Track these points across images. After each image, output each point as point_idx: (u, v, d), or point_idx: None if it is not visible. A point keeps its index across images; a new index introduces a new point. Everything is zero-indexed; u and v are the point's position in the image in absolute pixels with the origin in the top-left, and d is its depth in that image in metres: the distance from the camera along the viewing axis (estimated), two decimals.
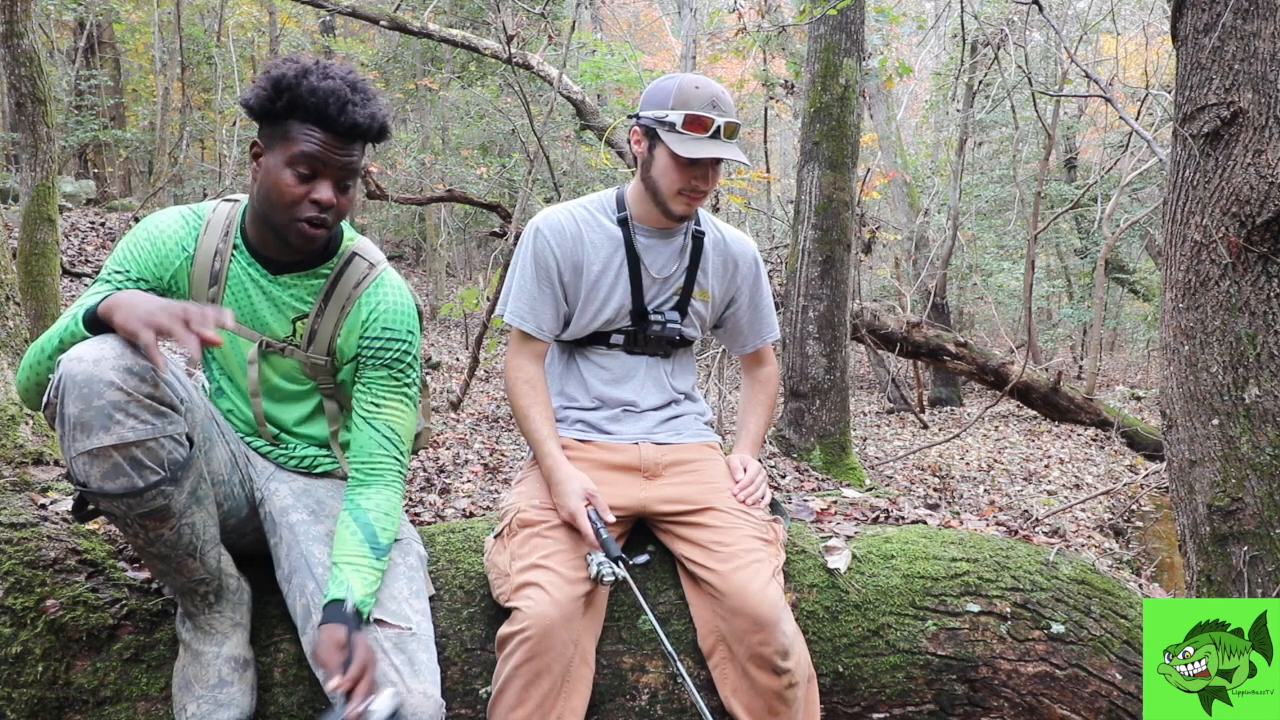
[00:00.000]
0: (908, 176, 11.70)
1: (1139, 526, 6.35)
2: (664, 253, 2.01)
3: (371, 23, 7.65)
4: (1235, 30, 2.01)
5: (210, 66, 12.38)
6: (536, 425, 1.92)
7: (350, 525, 1.64)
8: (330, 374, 1.79)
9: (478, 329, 6.49)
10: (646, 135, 1.90)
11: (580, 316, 1.99)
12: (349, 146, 1.60)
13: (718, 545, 1.81)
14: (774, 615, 1.69)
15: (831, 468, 4.95)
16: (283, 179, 1.57)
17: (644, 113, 1.90)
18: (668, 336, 2.03)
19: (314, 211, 1.59)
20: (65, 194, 10.54)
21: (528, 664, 1.62)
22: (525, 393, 1.95)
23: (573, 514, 1.77)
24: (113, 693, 1.65)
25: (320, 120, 1.56)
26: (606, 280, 1.97)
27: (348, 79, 1.59)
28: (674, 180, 1.88)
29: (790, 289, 5.22)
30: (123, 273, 1.64)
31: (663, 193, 1.90)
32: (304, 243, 1.62)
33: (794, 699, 1.70)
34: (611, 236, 1.98)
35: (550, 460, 1.87)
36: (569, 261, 1.96)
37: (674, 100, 1.86)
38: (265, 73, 1.59)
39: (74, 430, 1.38)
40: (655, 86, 1.92)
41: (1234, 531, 2.03)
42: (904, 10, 11.58)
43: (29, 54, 4.57)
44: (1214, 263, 2.05)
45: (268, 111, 1.57)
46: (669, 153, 1.85)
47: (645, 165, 1.92)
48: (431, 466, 4.38)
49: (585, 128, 8.59)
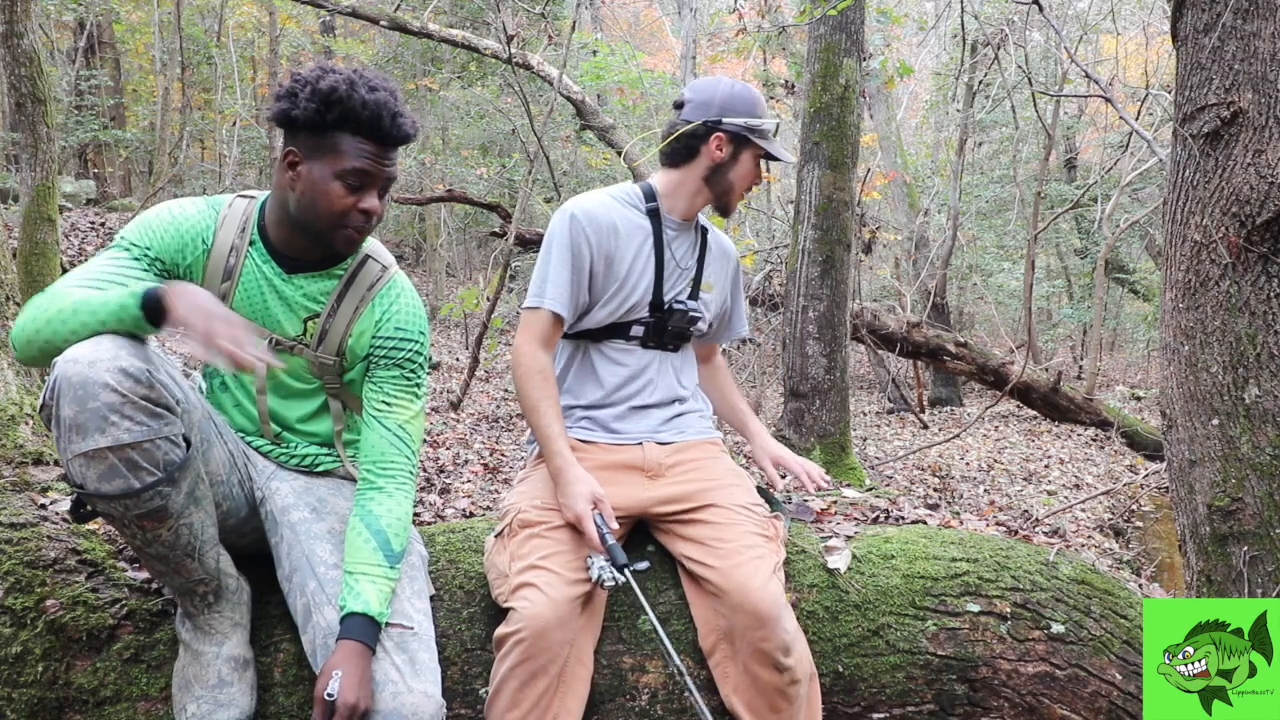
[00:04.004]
0: (908, 176, 11.70)
1: (1139, 526, 6.34)
2: (684, 244, 2.09)
3: (371, 23, 7.65)
4: (1235, 30, 2.01)
5: (210, 66, 12.38)
6: (548, 421, 1.89)
7: (363, 533, 1.64)
8: (337, 374, 1.80)
9: (478, 329, 6.50)
10: (733, 141, 2.00)
11: (605, 305, 2.00)
12: (392, 155, 1.64)
13: (718, 542, 1.81)
14: (775, 611, 1.69)
15: (831, 468, 4.95)
16: (332, 190, 1.59)
17: (730, 119, 1.99)
18: (685, 326, 2.07)
19: (362, 221, 1.63)
20: (65, 194, 10.54)
21: (523, 665, 1.62)
22: (539, 384, 1.91)
23: (579, 517, 1.76)
24: (113, 693, 1.64)
25: (372, 132, 1.58)
26: (637, 269, 2.01)
27: (389, 88, 1.61)
28: (750, 182, 2.06)
29: (790, 289, 5.22)
30: (142, 247, 1.62)
31: (735, 193, 2.06)
32: (348, 247, 1.67)
33: (796, 695, 1.70)
34: (640, 227, 2.03)
35: (560, 459, 1.85)
36: (602, 250, 1.97)
37: (760, 109, 2.02)
38: (306, 85, 1.57)
39: (69, 432, 1.38)
40: (732, 94, 2.01)
41: (1234, 531, 2.03)
42: (904, 10, 11.59)
43: (29, 54, 4.57)
44: (1214, 263, 2.04)
45: (314, 124, 1.57)
46: (757, 157, 2.03)
47: (721, 168, 2.02)
48: (431, 466, 4.38)
49: (585, 128, 8.59)
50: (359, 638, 1.52)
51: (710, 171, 2.02)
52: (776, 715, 1.71)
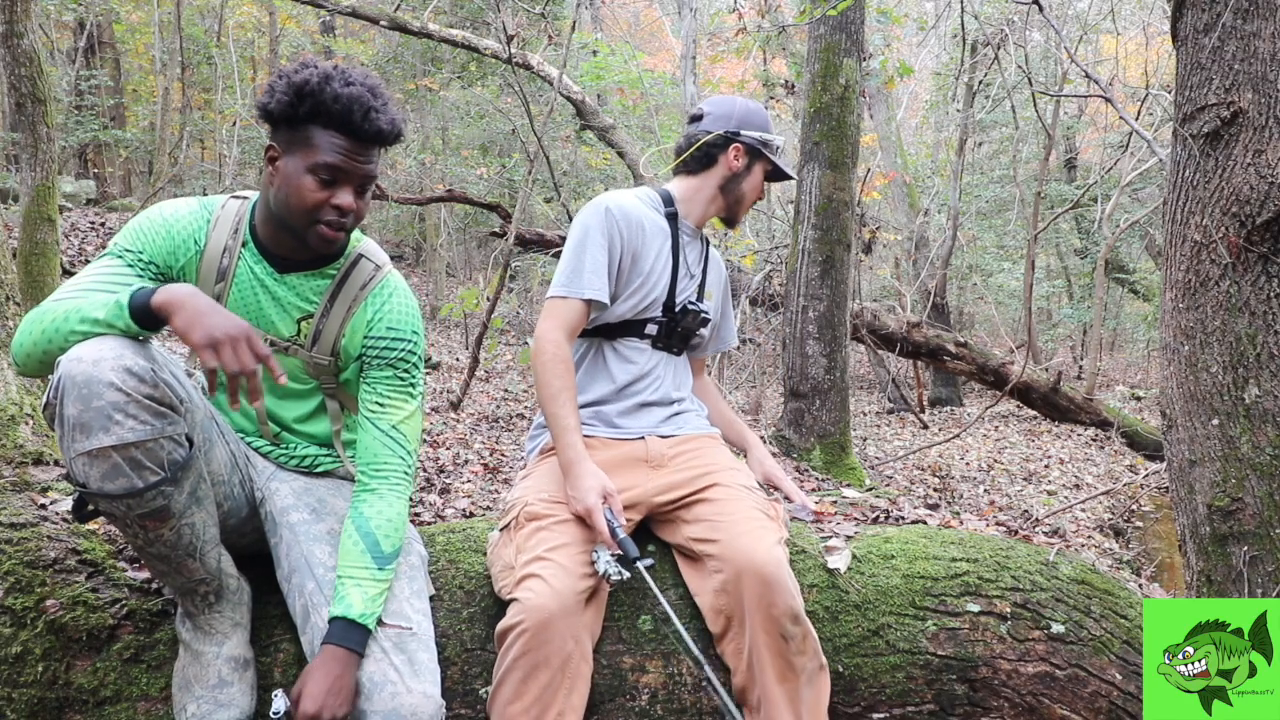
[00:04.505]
0: (908, 176, 11.70)
1: (1139, 526, 6.34)
2: (695, 251, 2.19)
3: (371, 23, 7.65)
4: (1235, 30, 2.01)
5: (210, 66, 12.38)
6: (566, 411, 1.89)
7: (353, 535, 1.64)
8: (333, 374, 1.79)
9: (478, 329, 6.50)
10: (749, 153, 2.13)
11: (628, 299, 2.05)
12: (369, 152, 1.62)
13: (722, 516, 1.84)
14: (780, 574, 1.70)
15: (831, 468, 4.95)
16: (304, 184, 1.58)
17: (748, 133, 2.13)
18: (695, 327, 2.14)
19: (334, 216, 1.61)
20: (65, 194, 10.54)
21: (526, 656, 1.61)
22: (561, 373, 1.91)
23: (589, 510, 1.76)
24: (113, 693, 1.65)
25: (343, 127, 1.57)
26: (657, 268, 2.08)
27: (368, 84, 1.59)
28: (758, 194, 2.18)
29: (790, 289, 5.22)
30: (135, 252, 1.62)
31: (745, 204, 2.18)
32: (324, 245, 1.64)
33: (803, 668, 1.70)
34: (662, 229, 2.12)
35: (573, 451, 1.85)
36: (631, 246, 2.04)
37: (770, 127, 2.16)
38: (283, 77, 1.58)
39: (73, 431, 1.38)
40: (750, 110, 2.16)
41: (1234, 531, 2.03)
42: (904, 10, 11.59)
43: (29, 54, 4.57)
44: (1214, 263, 2.05)
45: (288, 117, 1.57)
46: (768, 172, 2.17)
47: (736, 178, 2.14)
48: (431, 466, 4.38)
49: (585, 128, 8.59)
50: (339, 642, 1.53)
51: (726, 180, 2.14)
52: (783, 685, 1.70)
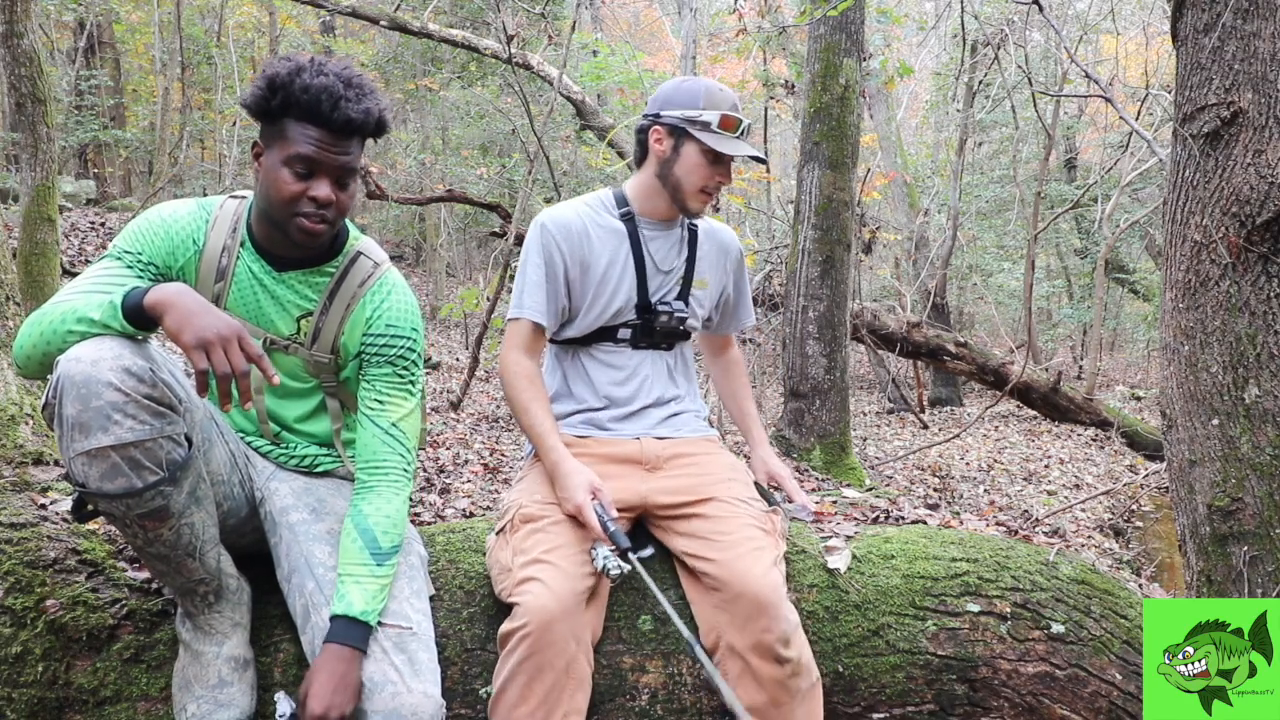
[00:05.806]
0: (908, 176, 11.70)
1: (1139, 526, 6.35)
2: (666, 245, 2.08)
3: (371, 23, 7.65)
4: (1235, 30, 2.01)
5: (210, 66, 12.37)
6: (539, 419, 1.92)
7: (351, 533, 1.64)
8: (333, 372, 1.79)
9: (478, 329, 6.50)
10: (672, 134, 1.97)
11: (588, 311, 2.02)
12: (345, 143, 1.61)
13: (717, 535, 1.82)
14: (775, 599, 1.69)
15: (831, 468, 4.95)
16: (280, 177, 1.58)
17: (668, 112, 1.97)
18: (674, 326, 2.08)
19: (312, 208, 1.60)
20: (65, 194, 10.54)
21: (530, 659, 1.61)
22: (525, 388, 1.96)
23: (578, 507, 1.76)
24: (113, 693, 1.65)
25: (314, 117, 1.57)
26: (614, 273, 2.02)
27: (341, 75, 1.59)
28: (700, 178, 1.97)
29: (790, 289, 5.22)
30: (134, 254, 1.63)
31: (685, 190, 1.98)
32: (305, 238, 1.63)
33: (797, 689, 1.70)
34: (615, 231, 2.04)
35: (554, 454, 1.86)
36: (575, 257, 1.99)
37: (704, 101, 1.95)
38: (261, 72, 1.60)
39: (72, 431, 1.38)
40: (677, 88, 1.99)
41: (1234, 531, 2.03)
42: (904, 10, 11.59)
43: (29, 54, 4.57)
44: (1214, 263, 2.04)
45: (264, 110, 1.59)
46: (700, 150, 1.94)
47: (666, 163, 1.99)
48: (431, 466, 4.38)
49: (585, 128, 8.59)
50: (341, 640, 1.53)
51: (659, 168, 2.00)
52: (778, 709, 1.70)
